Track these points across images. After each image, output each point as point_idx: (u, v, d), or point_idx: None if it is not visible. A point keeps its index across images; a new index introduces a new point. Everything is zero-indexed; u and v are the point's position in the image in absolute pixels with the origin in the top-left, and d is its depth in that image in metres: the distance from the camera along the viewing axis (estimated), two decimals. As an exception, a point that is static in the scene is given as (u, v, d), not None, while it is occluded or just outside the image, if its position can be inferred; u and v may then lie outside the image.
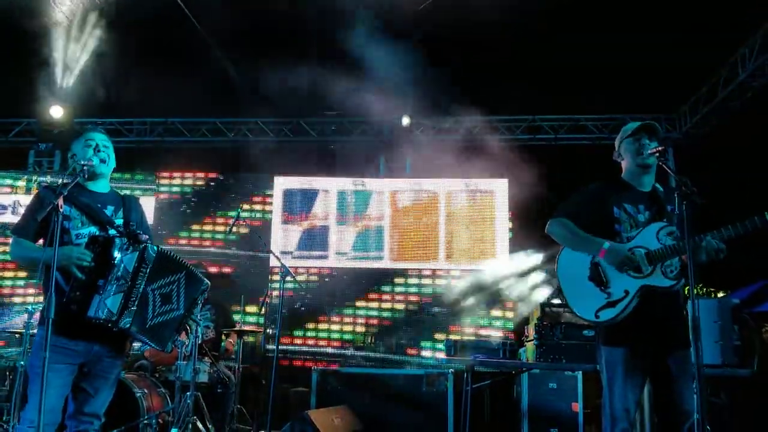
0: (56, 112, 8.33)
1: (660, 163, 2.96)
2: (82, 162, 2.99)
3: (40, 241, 2.99)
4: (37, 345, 2.92)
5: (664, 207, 3.07)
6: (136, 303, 2.85)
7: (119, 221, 3.08)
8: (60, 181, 3.01)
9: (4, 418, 5.14)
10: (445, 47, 6.81)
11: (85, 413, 2.94)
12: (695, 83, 7.73)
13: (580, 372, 5.58)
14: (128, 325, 2.83)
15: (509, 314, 7.71)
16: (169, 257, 3.03)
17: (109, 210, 3.08)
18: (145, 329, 2.93)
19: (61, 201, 2.74)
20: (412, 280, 7.92)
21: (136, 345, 5.44)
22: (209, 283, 3.22)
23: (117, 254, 2.84)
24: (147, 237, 3.00)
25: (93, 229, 2.98)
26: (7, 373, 5.37)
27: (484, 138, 8.39)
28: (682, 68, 7.14)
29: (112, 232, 2.98)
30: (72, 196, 2.92)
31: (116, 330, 2.84)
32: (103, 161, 3.09)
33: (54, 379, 2.77)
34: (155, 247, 2.94)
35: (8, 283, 8.09)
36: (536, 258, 7.40)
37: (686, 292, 2.88)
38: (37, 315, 4.89)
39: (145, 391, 4.85)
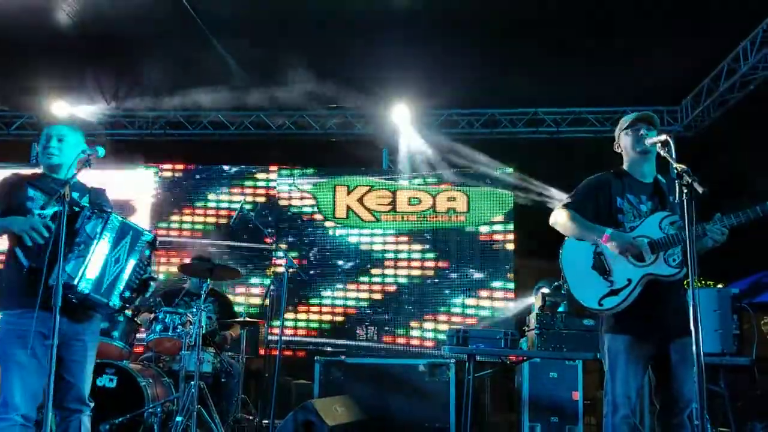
0: (59, 108, 8.31)
1: (662, 153, 2.99)
2: (41, 160, 3.24)
3: None
4: (3, 331, 2.95)
5: (667, 197, 3.10)
6: (97, 269, 2.95)
7: (85, 204, 3.17)
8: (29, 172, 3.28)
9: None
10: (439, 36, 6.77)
11: (70, 401, 2.99)
12: (697, 76, 7.73)
13: (581, 361, 5.62)
14: (87, 290, 2.92)
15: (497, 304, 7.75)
16: (127, 224, 3.14)
17: (74, 195, 3.12)
18: (101, 292, 3.00)
19: (67, 189, 2.84)
20: (402, 271, 7.95)
21: (141, 335, 5.48)
22: (153, 235, 3.27)
23: (80, 222, 2.96)
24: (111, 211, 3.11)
25: (57, 209, 2.98)
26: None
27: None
28: (684, 60, 7.15)
29: (76, 209, 3.05)
30: (38, 182, 3.11)
31: (75, 296, 2.89)
32: (49, 156, 3.18)
33: (30, 364, 2.84)
34: (119, 217, 3.07)
35: None
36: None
37: (686, 285, 2.91)
38: None
39: (150, 380, 4.89)
